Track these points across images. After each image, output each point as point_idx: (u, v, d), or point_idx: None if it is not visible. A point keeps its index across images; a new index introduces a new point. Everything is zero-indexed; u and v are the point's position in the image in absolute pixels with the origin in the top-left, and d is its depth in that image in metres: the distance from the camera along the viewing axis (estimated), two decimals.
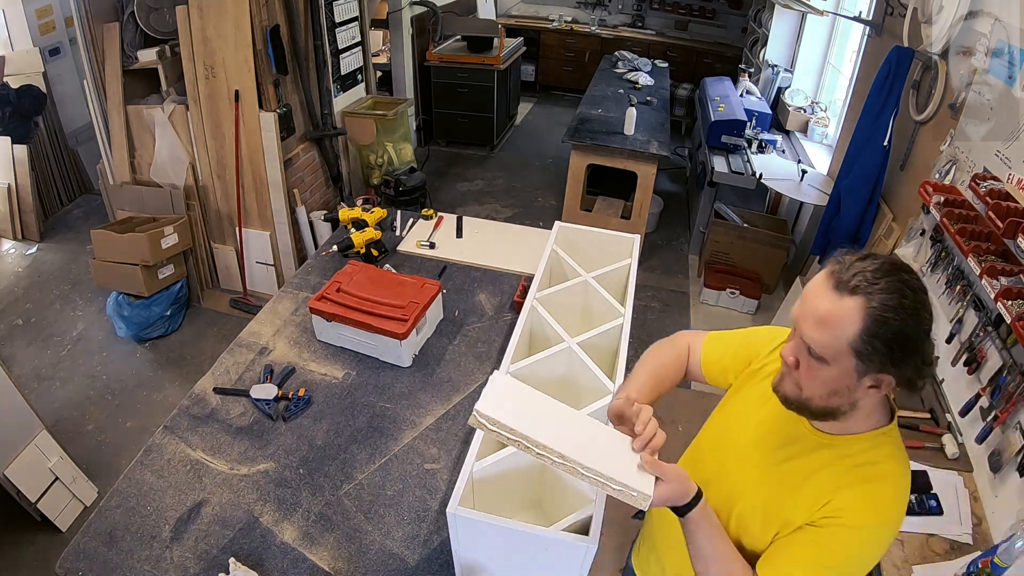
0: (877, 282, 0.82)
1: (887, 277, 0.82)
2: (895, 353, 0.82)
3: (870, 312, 0.81)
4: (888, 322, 0.81)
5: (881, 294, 0.81)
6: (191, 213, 3.46)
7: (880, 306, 0.81)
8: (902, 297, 0.81)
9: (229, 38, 3.07)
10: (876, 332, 0.81)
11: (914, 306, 0.81)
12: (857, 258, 0.85)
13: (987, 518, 1.62)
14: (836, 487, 0.91)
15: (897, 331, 0.81)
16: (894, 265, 0.84)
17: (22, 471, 2.23)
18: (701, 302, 3.90)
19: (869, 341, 0.82)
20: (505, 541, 1.16)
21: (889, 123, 2.61)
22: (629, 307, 1.77)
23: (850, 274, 0.84)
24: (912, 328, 0.82)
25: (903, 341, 0.82)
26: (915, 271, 0.86)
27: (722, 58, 6.71)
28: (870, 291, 0.82)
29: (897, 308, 0.81)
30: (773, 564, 0.95)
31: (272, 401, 1.71)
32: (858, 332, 0.82)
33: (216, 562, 1.33)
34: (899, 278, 0.82)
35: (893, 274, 0.82)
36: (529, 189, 5.29)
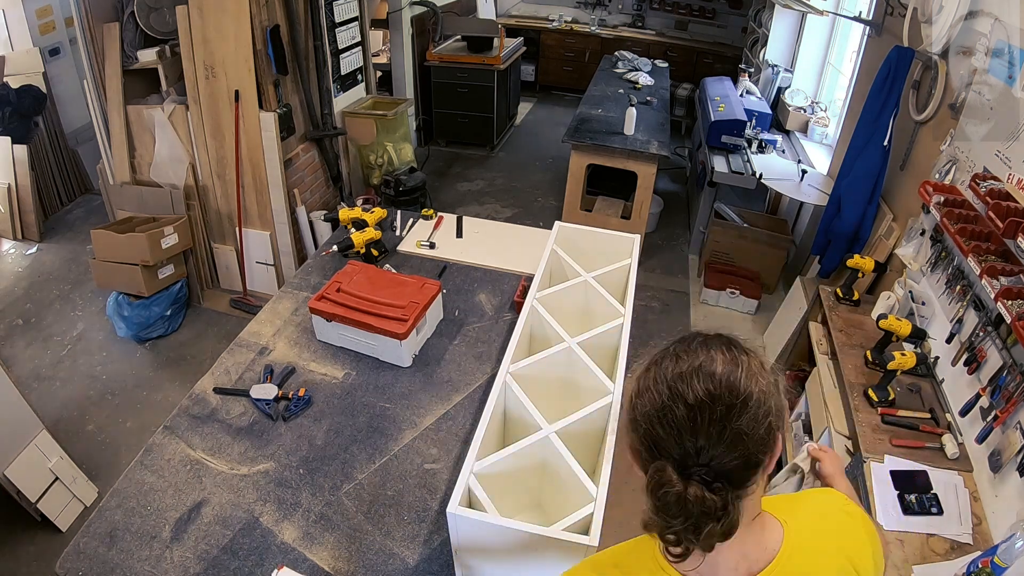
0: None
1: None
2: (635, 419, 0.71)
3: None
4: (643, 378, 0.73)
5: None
6: (191, 213, 3.46)
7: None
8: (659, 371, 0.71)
9: (229, 38, 3.07)
10: None
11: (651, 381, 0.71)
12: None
13: (987, 518, 1.62)
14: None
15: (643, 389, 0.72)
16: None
17: (22, 471, 2.23)
18: (701, 302, 3.90)
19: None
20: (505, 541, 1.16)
21: (889, 123, 2.61)
22: (629, 307, 1.77)
23: None
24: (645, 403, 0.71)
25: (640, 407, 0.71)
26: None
27: (722, 58, 6.71)
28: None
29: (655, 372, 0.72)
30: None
31: (272, 401, 1.71)
32: None
33: (216, 562, 1.33)
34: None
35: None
36: (529, 189, 5.29)
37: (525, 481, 1.38)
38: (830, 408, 2.14)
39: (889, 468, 1.71)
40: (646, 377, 0.72)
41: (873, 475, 1.69)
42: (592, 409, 1.41)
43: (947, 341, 2.00)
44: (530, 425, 1.38)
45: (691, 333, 0.75)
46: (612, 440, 1.33)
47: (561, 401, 1.57)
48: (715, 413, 0.65)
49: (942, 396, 1.98)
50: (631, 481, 0.98)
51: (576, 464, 1.26)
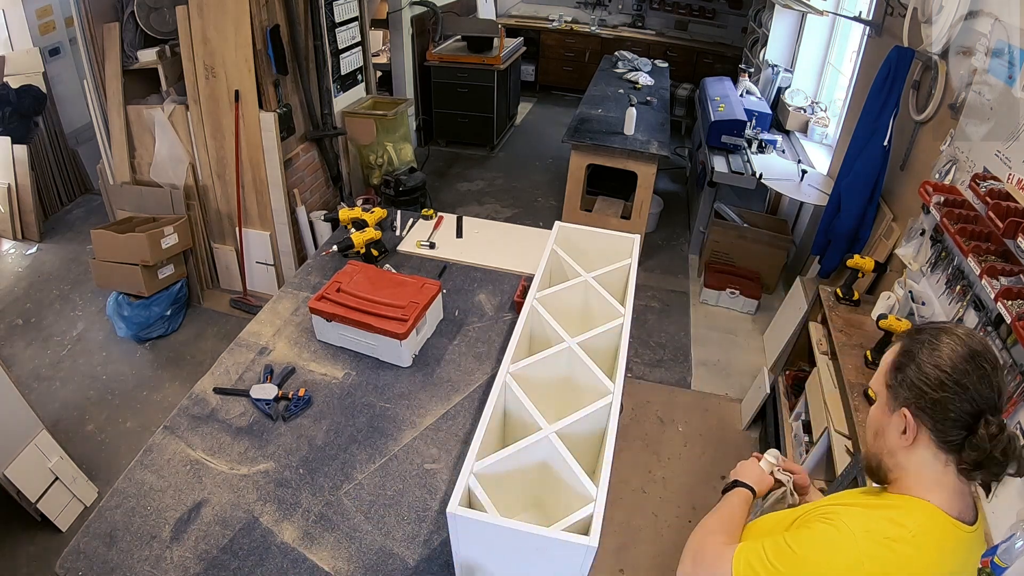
0: (920, 329, 0.93)
1: (931, 327, 0.92)
2: (905, 384, 0.89)
3: (899, 348, 0.93)
4: (905, 353, 0.91)
5: (916, 336, 0.92)
6: (191, 213, 3.46)
7: (907, 342, 0.92)
8: (928, 337, 0.89)
9: (229, 38, 3.07)
10: (897, 362, 0.92)
11: (934, 346, 0.88)
12: (936, 322, 1.01)
13: (987, 518, 1.62)
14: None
15: (909, 362, 0.89)
16: (955, 326, 0.91)
17: (22, 471, 2.23)
18: (701, 302, 3.90)
19: (892, 372, 0.92)
20: (505, 541, 1.16)
21: (889, 123, 2.61)
22: (629, 307, 1.77)
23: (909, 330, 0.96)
24: (924, 362, 0.88)
25: (914, 372, 0.88)
26: (981, 339, 0.89)
27: (722, 58, 6.72)
28: (910, 335, 0.93)
29: (918, 344, 0.90)
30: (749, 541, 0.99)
31: (272, 401, 1.71)
32: (888, 367, 0.93)
33: (216, 562, 1.33)
34: (941, 328, 0.90)
35: (938, 327, 0.91)
36: (529, 189, 5.29)
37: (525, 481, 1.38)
38: (830, 408, 2.14)
39: None
40: (941, 352, 0.87)
41: None
42: (592, 409, 1.41)
43: None
44: (530, 425, 1.38)
45: (926, 326, 0.94)
46: (612, 440, 1.33)
47: (561, 401, 1.57)
48: (1001, 371, 0.87)
49: None
50: (631, 481, 0.99)
51: (576, 464, 1.26)
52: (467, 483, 1.20)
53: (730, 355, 3.48)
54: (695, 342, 3.58)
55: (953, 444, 0.86)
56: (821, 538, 0.88)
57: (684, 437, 2.94)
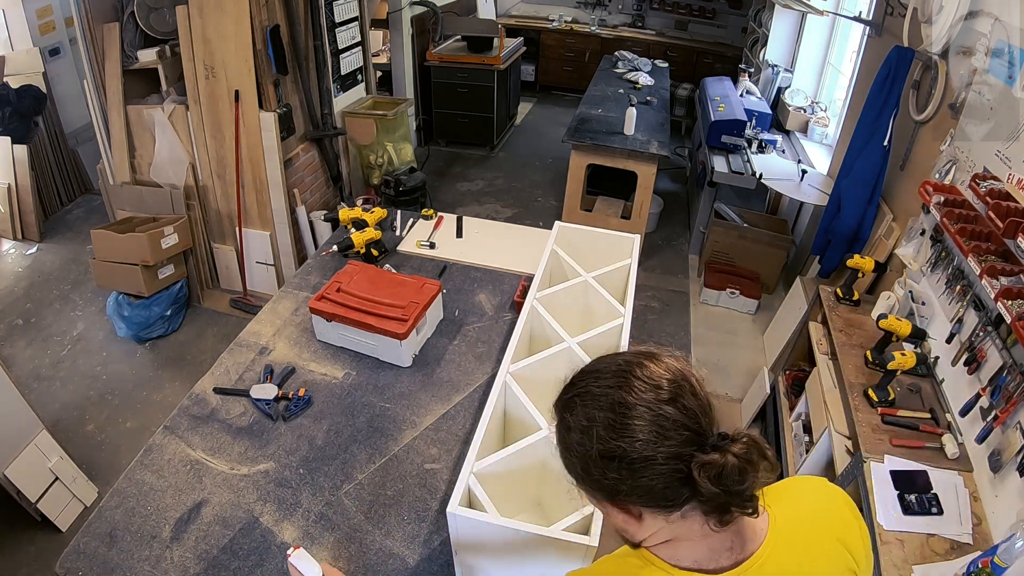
0: (562, 399, 0.75)
1: (572, 392, 0.74)
2: (582, 483, 0.73)
3: (554, 433, 0.76)
4: (560, 447, 0.74)
5: (558, 413, 0.75)
6: (191, 213, 3.46)
7: (556, 427, 0.75)
8: (569, 416, 0.72)
9: (229, 38, 3.07)
10: (560, 455, 0.75)
11: (579, 425, 0.70)
12: (586, 369, 0.77)
13: (987, 518, 1.62)
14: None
15: (568, 457, 0.73)
16: (597, 376, 0.73)
17: (22, 471, 2.23)
18: (701, 302, 3.90)
19: (564, 459, 0.75)
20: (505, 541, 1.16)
21: (889, 123, 2.61)
22: (629, 307, 1.77)
23: (563, 387, 0.77)
24: (576, 454, 0.71)
25: (576, 468, 0.72)
26: (641, 376, 0.70)
27: (722, 58, 6.72)
28: (556, 410, 0.76)
29: (562, 430, 0.73)
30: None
31: (272, 401, 1.71)
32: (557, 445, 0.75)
33: (216, 562, 1.33)
34: (579, 393, 0.73)
35: (578, 392, 0.73)
36: (529, 189, 5.29)
37: (525, 481, 1.38)
38: (830, 408, 2.14)
39: (889, 468, 1.71)
40: (603, 412, 0.69)
41: (873, 475, 1.69)
42: None
43: (947, 341, 2.00)
44: (530, 425, 1.38)
45: (576, 378, 0.76)
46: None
47: None
48: (688, 389, 0.70)
49: (942, 396, 1.98)
50: None
51: None
52: (467, 483, 1.20)
53: (730, 355, 3.48)
54: (695, 342, 3.58)
55: (675, 503, 0.68)
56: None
57: None
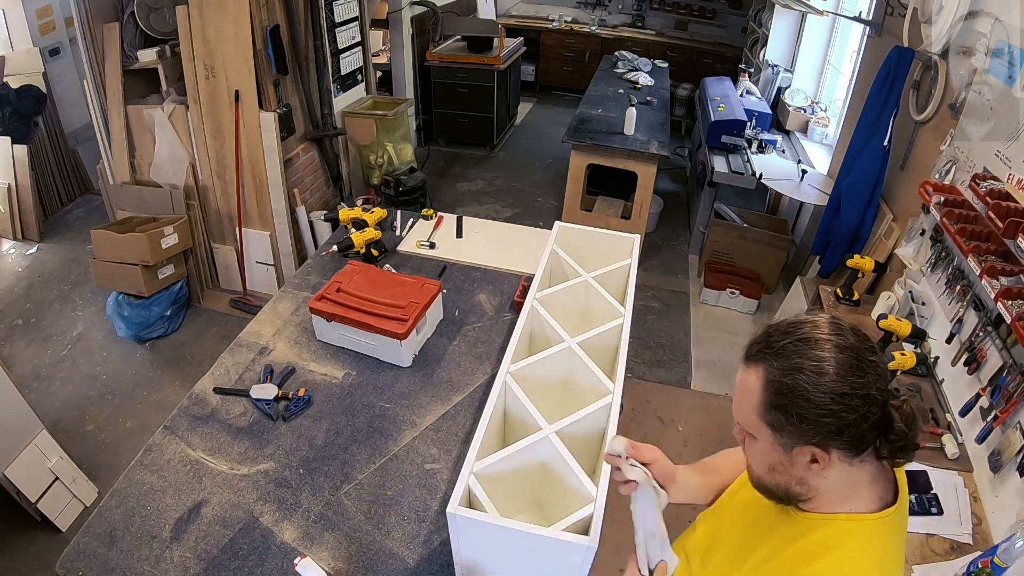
0: (776, 347, 0.78)
1: (789, 339, 0.78)
2: (803, 423, 0.75)
3: (766, 380, 0.78)
4: (783, 390, 0.76)
5: (778, 359, 0.77)
6: (191, 213, 3.46)
7: (776, 371, 0.77)
8: (799, 359, 0.76)
9: (229, 38, 3.07)
10: (774, 401, 0.77)
11: (815, 367, 0.74)
12: (787, 324, 0.81)
13: (987, 518, 1.62)
14: (787, 569, 0.83)
15: (794, 398, 0.75)
16: (815, 326, 0.78)
17: (22, 471, 2.23)
18: (701, 302, 3.90)
19: (770, 411, 0.77)
20: (505, 541, 1.16)
21: (889, 123, 2.61)
22: (629, 307, 1.77)
23: (755, 342, 0.82)
24: (813, 392, 0.74)
25: (805, 408, 0.75)
26: (848, 329, 0.78)
27: (722, 58, 6.72)
28: (768, 358, 0.78)
29: (792, 371, 0.75)
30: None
31: (272, 401, 1.71)
32: (759, 403, 0.78)
33: (216, 562, 1.33)
34: (803, 339, 0.77)
35: (799, 338, 0.77)
36: (529, 189, 5.29)
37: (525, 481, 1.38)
38: None
39: None
40: (824, 371, 0.75)
41: None
42: (592, 409, 1.41)
43: (947, 341, 2.00)
44: (530, 425, 1.38)
45: (785, 328, 0.82)
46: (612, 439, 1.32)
47: (561, 401, 1.57)
48: (874, 345, 0.81)
49: (942, 396, 1.98)
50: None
51: (576, 464, 1.26)
52: (467, 483, 1.20)
53: (730, 355, 3.48)
54: (695, 342, 3.58)
55: (868, 444, 0.78)
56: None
57: (684, 437, 2.94)
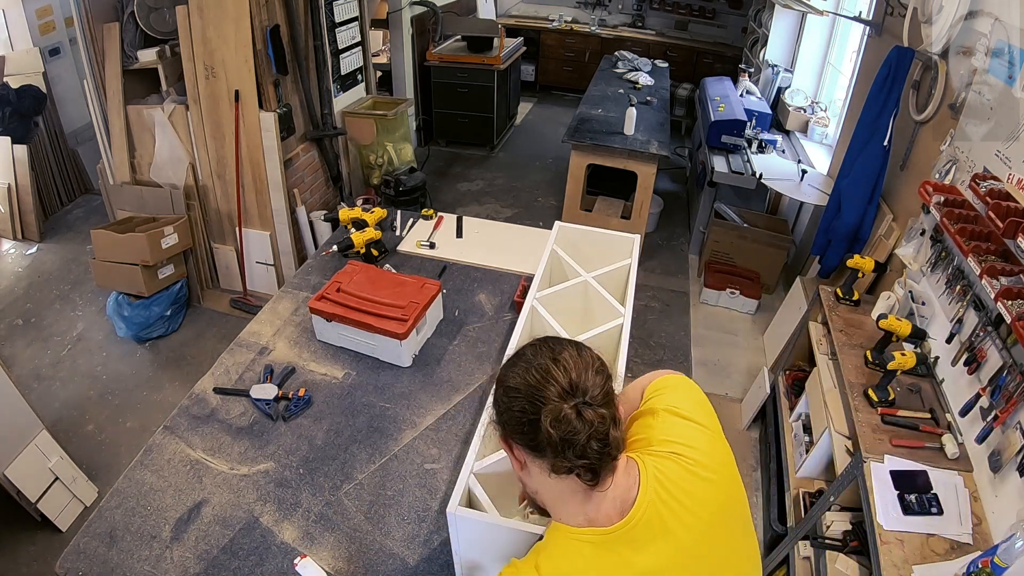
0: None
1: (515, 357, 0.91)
2: (497, 416, 0.89)
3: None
4: (494, 385, 0.91)
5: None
6: (191, 213, 3.46)
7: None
8: (503, 371, 0.90)
9: (229, 38, 3.07)
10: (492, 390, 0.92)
11: (507, 365, 0.90)
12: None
13: (987, 518, 1.62)
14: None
15: (495, 391, 0.90)
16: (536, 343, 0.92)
17: (22, 471, 2.23)
18: (701, 302, 3.90)
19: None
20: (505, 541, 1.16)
21: (889, 123, 2.61)
22: (629, 307, 1.77)
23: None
24: (498, 387, 0.89)
25: (496, 402, 0.89)
26: (551, 342, 0.90)
27: (722, 58, 6.72)
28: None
29: (501, 372, 0.90)
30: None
31: (272, 401, 1.71)
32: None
33: (216, 562, 1.33)
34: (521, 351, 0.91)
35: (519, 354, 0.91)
36: (529, 189, 5.29)
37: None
38: (830, 408, 2.14)
39: (889, 468, 1.71)
40: (504, 377, 0.89)
41: (873, 475, 1.69)
42: None
43: (947, 341, 2.00)
44: None
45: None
46: None
47: None
48: (566, 349, 0.87)
49: (942, 396, 1.98)
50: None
51: None
52: (467, 483, 1.20)
53: (730, 355, 3.48)
54: (695, 342, 3.58)
55: (538, 448, 0.83)
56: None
57: None
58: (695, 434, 0.93)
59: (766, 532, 2.44)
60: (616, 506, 0.84)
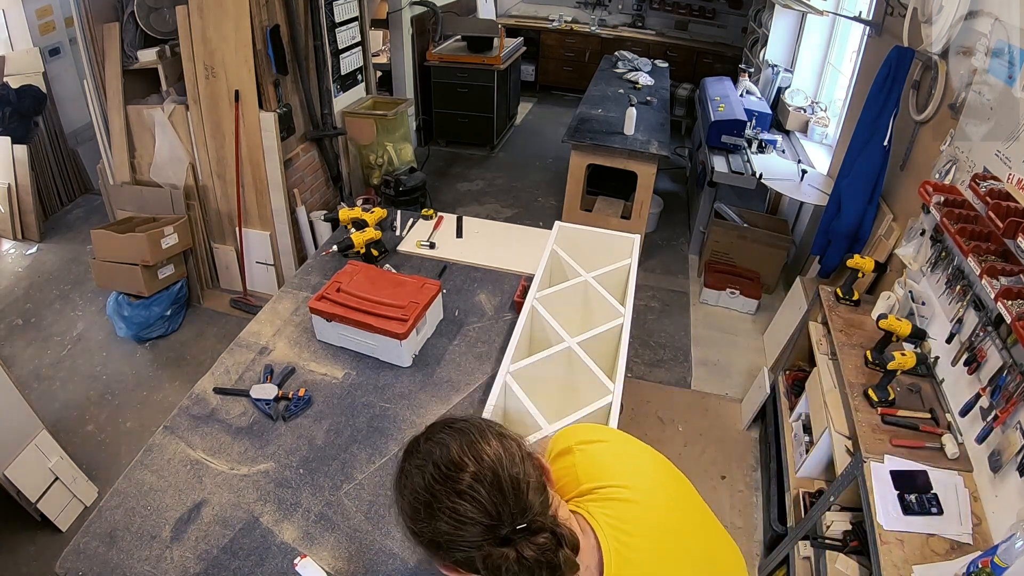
0: (401, 461, 0.81)
1: (411, 460, 0.79)
2: (417, 538, 0.77)
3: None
4: (398, 498, 0.79)
5: (400, 466, 0.81)
6: (191, 213, 3.46)
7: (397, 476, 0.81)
8: (408, 479, 0.78)
9: (229, 38, 3.07)
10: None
11: (410, 528, 0.77)
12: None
13: (987, 518, 1.62)
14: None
15: (406, 516, 0.78)
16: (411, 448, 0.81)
17: (22, 471, 2.23)
18: (701, 302, 3.90)
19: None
20: None
21: (889, 123, 2.61)
22: (629, 307, 1.77)
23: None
24: (421, 543, 0.77)
25: (414, 531, 0.77)
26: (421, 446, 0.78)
27: (722, 58, 6.72)
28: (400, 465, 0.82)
29: (401, 488, 0.79)
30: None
31: (272, 401, 1.71)
32: None
33: (216, 562, 1.33)
34: (419, 456, 0.78)
35: (417, 458, 0.78)
36: (529, 189, 5.29)
37: None
38: (830, 408, 2.14)
39: (889, 468, 1.71)
40: (409, 496, 0.75)
41: (873, 475, 1.69)
42: (592, 409, 1.41)
43: (947, 341, 2.00)
44: (530, 425, 1.38)
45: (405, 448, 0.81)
46: None
47: (561, 401, 1.57)
48: (490, 477, 0.71)
49: (942, 396, 1.98)
50: None
51: None
52: None
53: (730, 355, 3.48)
54: (695, 342, 3.58)
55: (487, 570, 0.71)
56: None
57: (684, 437, 2.94)
58: (612, 454, 0.90)
59: (766, 532, 2.44)
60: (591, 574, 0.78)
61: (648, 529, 0.81)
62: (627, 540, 0.78)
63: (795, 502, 2.21)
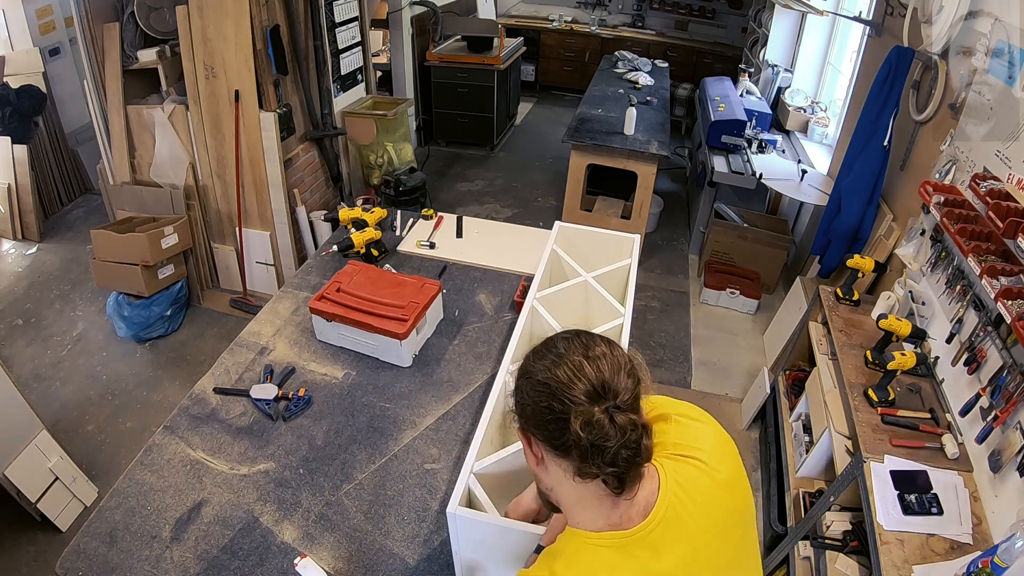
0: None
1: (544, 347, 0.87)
2: (517, 406, 0.85)
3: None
4: (517, 374, 0.87)
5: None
6: (191, 213, 3.46)
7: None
8: (529, 362, 0.86)
9: (229, 38, 3.07)
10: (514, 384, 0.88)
11: (531, 357, 0.85)
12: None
13: (987, 518, 1.62)
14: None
15: (516, 383, 0.86)
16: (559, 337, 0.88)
17: (22, 471, 2.23)
18: (701, 302, 3.90)
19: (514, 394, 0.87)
20: (505, 541, 1.16)
21: (889, 123, 2.61)
22: (629, 307, 1.77)
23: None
24: (521, 377, 0.85)
25: (518, 392, 0.85)
26: (584, 336, 0.85)
27: (722, 58, 6.72)
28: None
29: (527, 362, 0.86)
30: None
31: (272, 401, 1.71)
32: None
33: (216, 562, 1.33)
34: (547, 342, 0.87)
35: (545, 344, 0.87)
36: (529, 189, 5.29)
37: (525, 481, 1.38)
38: (830, 408, 2.14)
39: (889, 468, 1.71)
40: (542, 347, 0.86)
41: (873, 475, 1.69)
42: None
43: (947, 341, 2.00)
44: None
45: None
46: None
47: None
48: (599, 345, 0.82)
49: (942, 396, 1.98)
50: None
51: None
52: (467, 483, 1.20)
53: (730, 355, 3.48)
54: (695, 342, 3.58)
55: (562, 448, 0.79)
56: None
57: None
58: (707, 436, 0.93)
59: (766, 532, 2.44)
60: (640, 510, 0.82)
61: (706, 505, 0.84)
62: (685, 500, 0.83)
63: (795, 502, 2.21)
